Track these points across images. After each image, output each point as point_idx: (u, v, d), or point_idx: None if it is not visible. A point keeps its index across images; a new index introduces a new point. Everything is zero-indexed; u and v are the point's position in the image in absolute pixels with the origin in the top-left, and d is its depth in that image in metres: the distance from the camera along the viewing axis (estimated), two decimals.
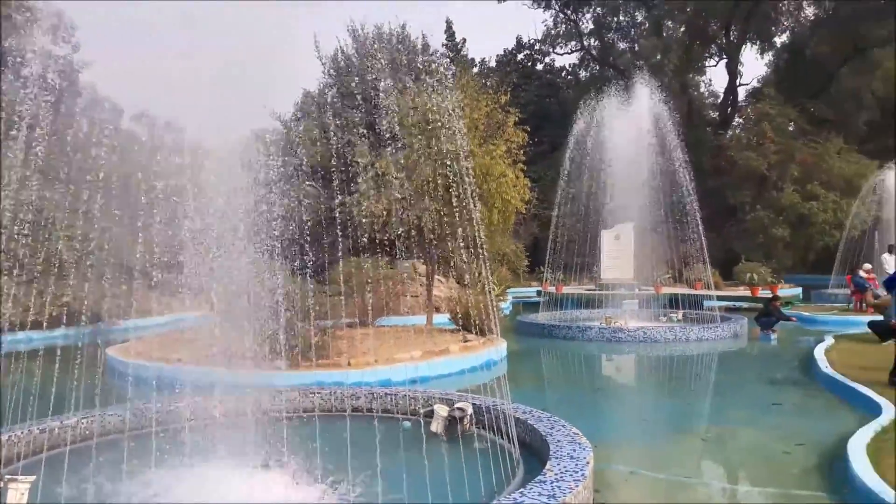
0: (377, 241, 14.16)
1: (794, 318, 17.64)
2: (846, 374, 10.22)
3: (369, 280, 15.61)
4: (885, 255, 20.41)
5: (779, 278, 28.01)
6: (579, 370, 14.01)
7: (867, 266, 20.10)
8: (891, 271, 18.92)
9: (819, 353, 12.05)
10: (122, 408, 7.80)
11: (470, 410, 7.51)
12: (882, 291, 17.56)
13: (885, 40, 36.66)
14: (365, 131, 17.64)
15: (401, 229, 13.83)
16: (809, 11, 40.68)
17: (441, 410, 7.56)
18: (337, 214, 13.86)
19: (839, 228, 27.96)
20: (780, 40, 42.63)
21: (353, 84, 22.99)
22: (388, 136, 13.56)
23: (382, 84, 16.54)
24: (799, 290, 27.06)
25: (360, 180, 15.06)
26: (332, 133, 18.37)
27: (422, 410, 7.90)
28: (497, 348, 12.97)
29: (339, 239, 12.43)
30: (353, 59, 25.56)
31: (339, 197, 15.15)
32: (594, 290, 24.71)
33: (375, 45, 24.25)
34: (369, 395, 8.51)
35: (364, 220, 13.93)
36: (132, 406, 7.82)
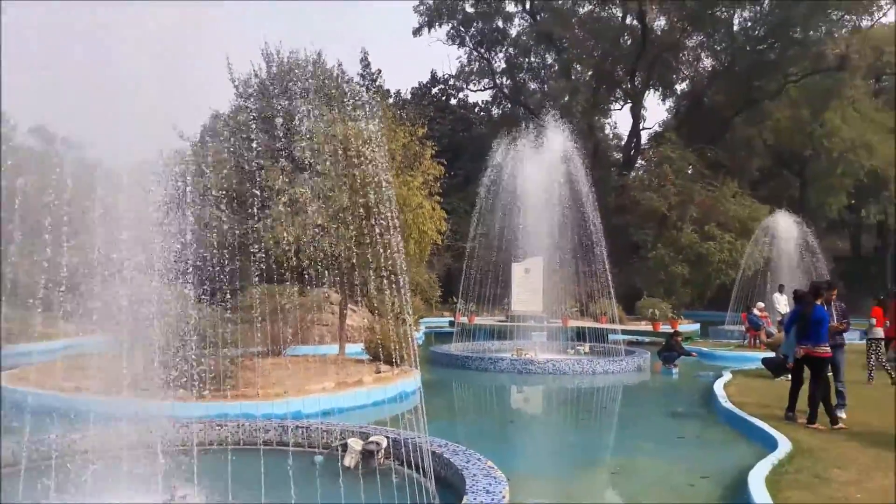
0: (289, 268, 13.81)
1: (694, 354, 18.39)
2: (744, 408, 10.70)
3: (280, 308, 15.19)
4: (776, 295, 21.69)
5: (678, 314, 29.23)
6: (492, 402, 14.06)
7: (760, 305, 21.29)
8: (781, 310, 20.16)
9: (718, 387, 12.58)
10: (15, 440, 7.16)
11: (385, 444, 7.36)
12: (774, 329, 18.65)
13: (776, 93, 39.61)
14: (279, 156, 17.31)
15: (315, 256, 13.55)
16: (707, 63, 43.42)
17: (355, 444, 7.38)
18: (248, 240, 13.48)
19: (734, 268, 29.49)
20: (680, 88, 45.21)
21: (268, 108, 22.57)
22: (304, 161, 13.35)
23: (299, 109, 16.33)
24: (697, 326, 28.30)
25: (272, 206, 14.71)
26: (245, 156, 17.93)
27: (335, 444, 7.67)
28: (411, 379, 12.84)
29: (250, 265, 12.08)
30: (268, 82, 25.13)
31: (251, 222, 14.73)
32: (505, 321, 25.05)
33: (291, 70, 23.94)
34: (280, 427, 8.20)
35: (276, 247, 13.57)
36: (26, 438, 7.20)
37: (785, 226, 27.22)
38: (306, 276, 14.52)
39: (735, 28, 41.23)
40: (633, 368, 16.84)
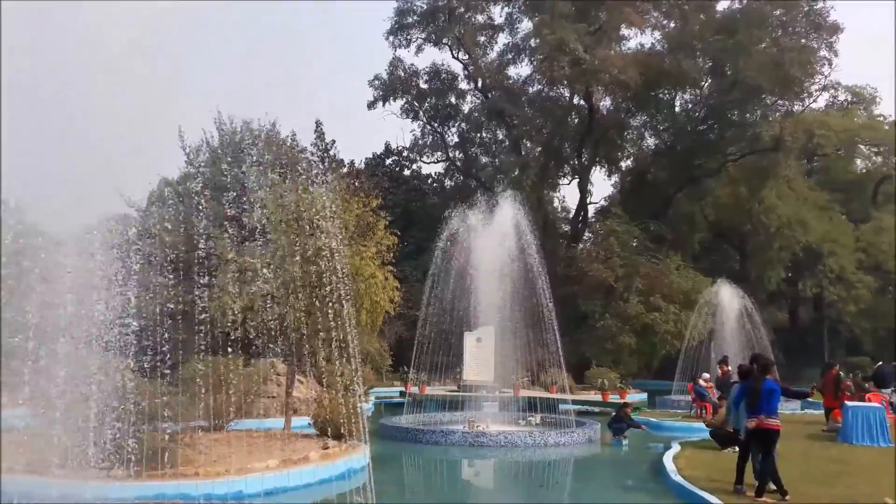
0: (235, 338, 13.48)
1: (643, 427, 18.31)
2: (694, 480, 10.68)
3: (223, 380, 14.70)
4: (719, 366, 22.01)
5: (626, 384, 29.41)
6: (444, 478, 13.72)
7: (706, 375, 21.57)
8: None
9: (668, 460, 12.55)
10: None
11: None
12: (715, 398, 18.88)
13: (716, 171, 41.43)
14: (227, 224, 17.12)
15: (262, 327, 13.28)
16: (651, 142, 45.33)
17: None
18: (193, 309, 13.12)
19: (679, 338, 30.01)
20: (625, 165, 46.81)
21: (218, 175, 22.46)
22: (253, 230, 13.23)
23: (251, 178, 16.29)
24: (645, 396, 28.46)
25: (219, 274, 14.46)
26: (193, 223, 17.69)
27: None
28: (359, 455, 12.46)
29: (194, 335, 11.71)
30: (219, 151, 25.09)
31: (196, 291, 14.40)
32: (456, 391, 24.74)
33: (243, 139, 24.01)
34: None
35: (222, 317, 13.26)
36: None
37: (727, 297, 27.96)
38: (253, 347, 14.18)
39: (677, 109, 43.37)
40: (584, 440, 16.73)
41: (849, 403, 16.28)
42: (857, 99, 48.44)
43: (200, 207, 16.57)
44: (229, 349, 14.07)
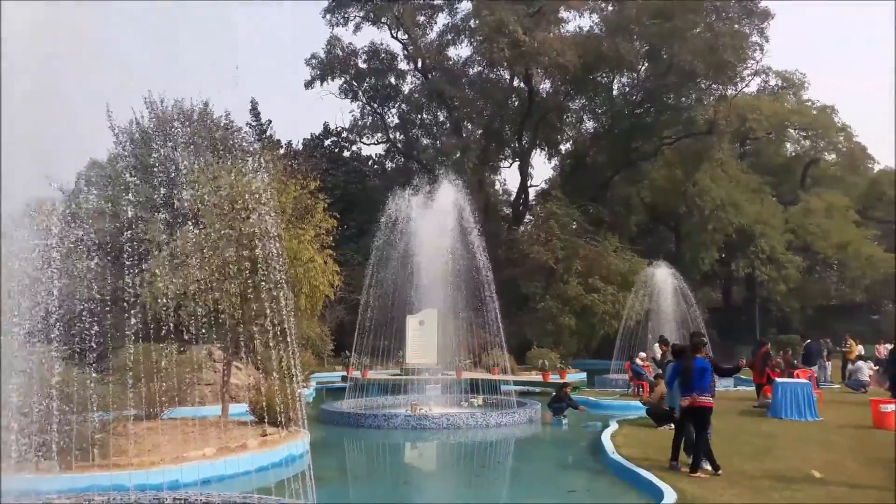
0: (170, 324, 13.05)
1: (582, 408, 18.51)
2: (631, 458, 10.92)
3: (157, 367, 14.24)
4: (657, 346, 22.64)
5: (567, 364, 29.91)
6: (386, 462, 13.68)
7: (642, 354, 22.14)
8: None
9: (606, 438, 12.81)
10: None
11: None
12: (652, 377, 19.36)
13: (652, 155, 42.31)
14: (160, 207, 16.53)
15: (197, 312, 12.88)
16: (590, 125, 45.87)
17: None
18: (124, 295, 12.62)
19: (617, 318, 30.62)
20: (565, 148, 47.31)
21: (149, 157, 21.65)
22: (187, 214, 12.79)
23: (183, 160, 15.74)
24: (584, 375, 29.00)
25: (151, 259, 13.94)
26: (123, 207, 17.00)
27: None
28: (299, 441, 12.29)
29: (126, 322, 11.28)
30: (150, 130, 24.18)
31: (128, 276, 13.86)
32: (399, 374, 24.69)
33: (175, 119, 23.16)
34: (155, 499, 7.56)
35: (155, 302, 12.80)
36: None
37: (662, 278, 28.67)
38: (188, 333, 13.75)
39: (615, 93, 43.97)
40: (525, 420, 16.94)
41: (778, 380, 16.94)
42: (787, 84, 50.20)
43: (130, 189, 15.97)
44: (163, 336, 13.64)
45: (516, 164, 44.68)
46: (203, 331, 12.62)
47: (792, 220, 44.24)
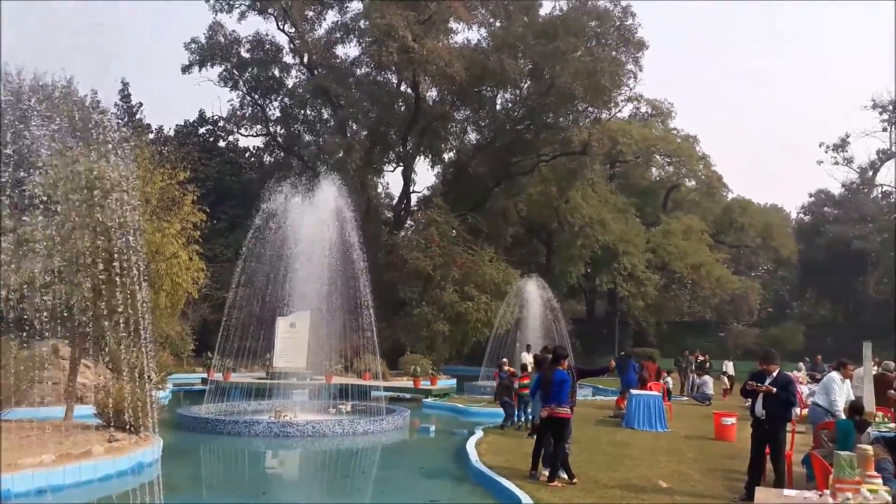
0: (11, 317, 11.92)
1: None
2: (493, 466, 11.11)
3: None
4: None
5: (438, 370, 30.15)
6: (244, 471, 13.10)
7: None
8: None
9: (470, 446, 12.95)
10: None
11: None
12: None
13: (529, 170, 43.64)
14: (5, 189, 15.01)
15: (42, 306, 11.81)
16: (473, 136, 46.62)
17: None
18: None
19: (489, 326, 31.27)
20: (448, 157, 47.77)
21: None
22: (36, 199, 11.71)
23: (36, 139, 14.40)
24: (454, 382, 29.34)
25: None
26: None
27: None
28: (150, 448, 11.53)
29: None
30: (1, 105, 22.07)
31: None
32: (265, 378, 23.87)
33: (31, 95, 21.31)
34: None
35: None
36: None
37: (533, 289, 29.63)
38: (31, 327, 12.60)
39: (498, 107, 44.99)
40: (393, 428, 16.83)
41: (633, 392, 17.85)
42: (656, 112, 53.43)
43: None
44: (6, 329, 12.48)
45: (400, 168, 44.69)
46: (47, 325, 11.61)
47: (653, 240, 47.03)
